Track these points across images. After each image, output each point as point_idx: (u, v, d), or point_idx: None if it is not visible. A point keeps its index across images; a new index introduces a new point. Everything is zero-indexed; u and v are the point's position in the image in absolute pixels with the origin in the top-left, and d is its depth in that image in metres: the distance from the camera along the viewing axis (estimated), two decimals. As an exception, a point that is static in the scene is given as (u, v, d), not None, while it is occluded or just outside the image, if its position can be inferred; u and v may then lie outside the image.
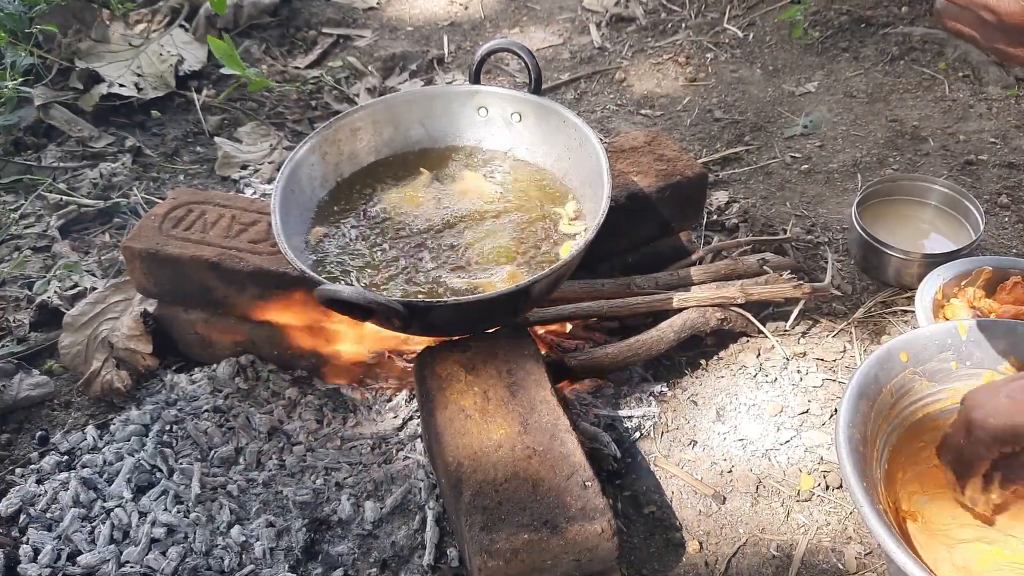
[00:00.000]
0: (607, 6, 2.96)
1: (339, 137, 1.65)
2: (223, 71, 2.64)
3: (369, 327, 1.58)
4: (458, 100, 1.73)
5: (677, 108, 2.53)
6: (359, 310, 1.28)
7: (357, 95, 2.60)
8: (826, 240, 2.01)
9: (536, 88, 1.68)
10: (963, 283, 1.71)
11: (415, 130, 1.73)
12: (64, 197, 2.22)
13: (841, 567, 1.38)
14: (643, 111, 2.53)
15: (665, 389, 1.67)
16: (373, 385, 1.70)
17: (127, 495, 1.50)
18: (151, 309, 1.74)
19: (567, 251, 1.48)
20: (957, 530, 1.26)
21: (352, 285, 1.44)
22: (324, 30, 2.95)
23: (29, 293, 1.94)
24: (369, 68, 2.73)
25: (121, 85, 2.54)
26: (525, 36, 2.90)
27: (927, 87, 2.51)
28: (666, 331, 1.66)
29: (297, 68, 2.77)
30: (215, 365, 1.72)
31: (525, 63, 1.67)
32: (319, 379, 1.71)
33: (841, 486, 1.49)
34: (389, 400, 1.66)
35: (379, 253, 1.52)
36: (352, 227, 1.57)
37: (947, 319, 1.64)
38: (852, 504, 1.45)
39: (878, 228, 1.88)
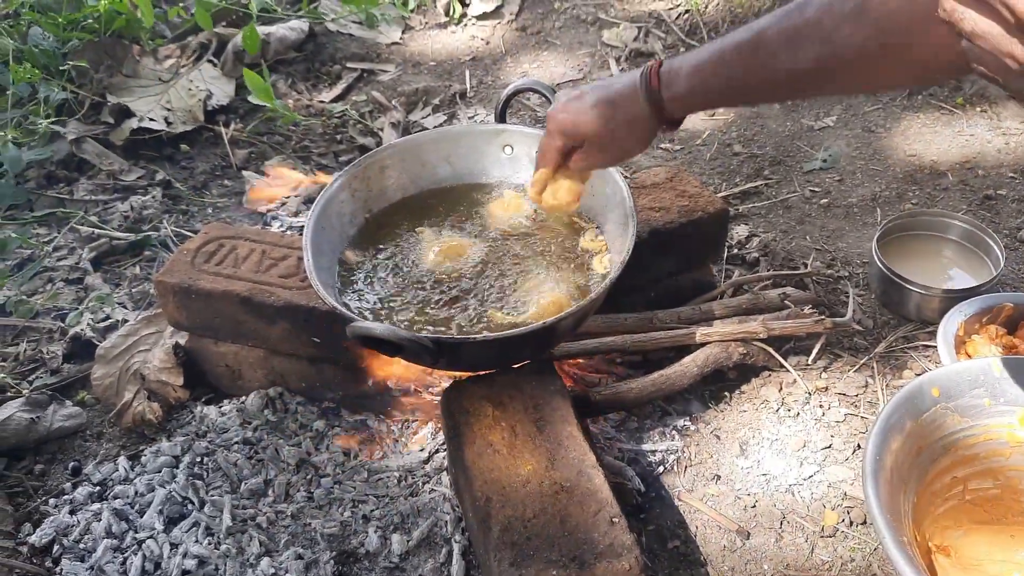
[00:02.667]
0: (626, 41, 3.00)
1: (368, 175, 1.69)
2: (250, 105, 2.69)
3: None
4: (484, 139, 1.76)
5: (696, 142, 2.56)
6: (389, 346, 1.31)
7: (381, 129, 2.65)
8: (846, 275, 2.03)
9: (560, 126, 1.71)
10: (984, 319, 1.73)
11: (442, 168, 1.77)
12: (96, 230, 2.27)
13: (866, 604, 1.38)
14: (663, 145, 2.56)
15: (688, 423, 1.69)
16: (400, 418, 1.72)
17: (159, 526, 1.52)
18: (182, 342, 1.77)
19: (600, 267, 1.57)
20: (991, 565, 1.27)
21: (381, 321, 1.46)
22: (348, 65, 3.00)
23: (62, 325, 1.98)
24: (393, 102, 2.77)
25: (151, 119, 2.59)
26: (545, 71, 2.94)
27: (945, 122, 2.53)
28: (689, 366, 1.68)
29: (322, 102, 2.82)
30: (244, 397, 1.75)
31: (549, 102, 1.70)
32: (346, 411, 1.73)
33: (865, 522, 1.50)
34: (415, 433, 1.68)
35: (407, 289, 1.54)
36: (380, 262, 1.60)
37: (969, 356, 1.66)
38: (876, 538, 1.46)
39: (898, 263, 1.90)
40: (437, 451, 1.63)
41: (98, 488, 1.63)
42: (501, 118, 1.76)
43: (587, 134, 1.33)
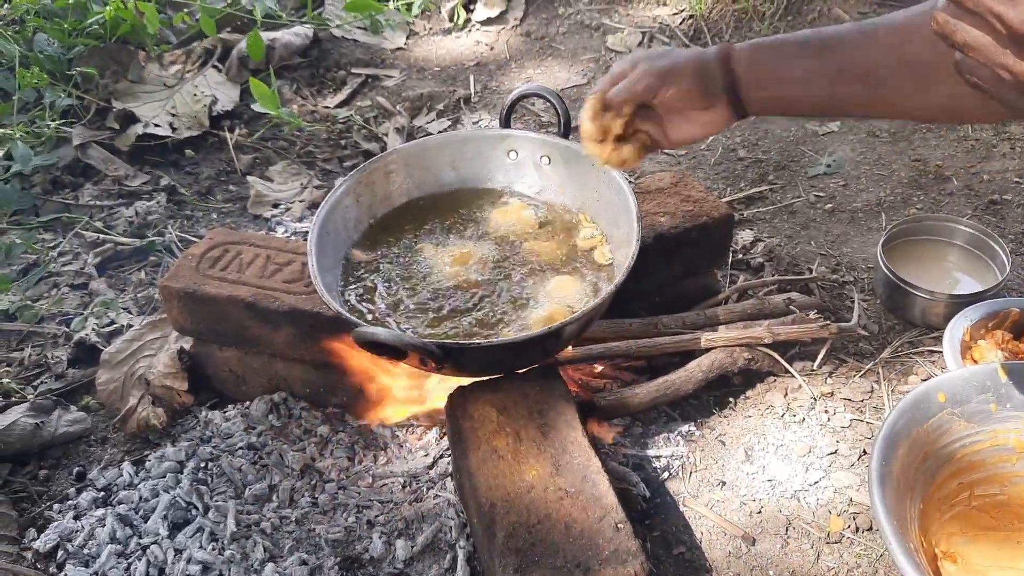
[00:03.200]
0: (630, 46, 3.00)
1: (373, 180, 1.69)
2: (255, 110, 2.70)
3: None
4: (489, 144, 1.76)
5: (701, 147, 2.56)
6: (394, 351, 1.31)
7: (386, 134, 2.65)
8: (851, 280, 2.03)
9: (564, 131, 1.72)
10: (990, 324, 1.72)
11: (447, 173, 1.77)
12: (101, 235, 2.27)
13: (872, 610, 1.38)
14: (667, 150, 2.56)
15: (693, 429, 1.68)
16: (404, 423, 1.72)
17: (163, 532, 1.52)
18: (187, 347, 1.77)
19: (602, 258, 1.58)
20: (997, 572, 1.26)
21: (385, 326, 1.46)
22: (353, 70, 3.01)
23: (67, 330, 1.98)
24: (397, 108, 2.78)
25: (156, 125, 2.60)
26: (549, 76, 2.95)
27: (950, 127, 2.53)
28: (694, 371, 1.68)
29: (327, 108, 2.83)
30: (248, 402, 1.75)
31: (554, 107, 1.71)
32: (351, 415, 1.73)
33: (871, 528, 1.49)
34: (420, 438, 1.68)
35: (411, 293, 1.55)
36: (384, 267, 1.60)
37: (975, 361, 1.65)
38: (883, 544, 1.45)
39: (904, 268, 1.90)
40: (442, 456, 1.63)
41: (102, 493, 1.63)
42: (506, 123, 1.76)
43: (678, 88, 1.27)
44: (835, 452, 1.62)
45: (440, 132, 2.66)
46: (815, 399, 1.72)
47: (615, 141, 1.36)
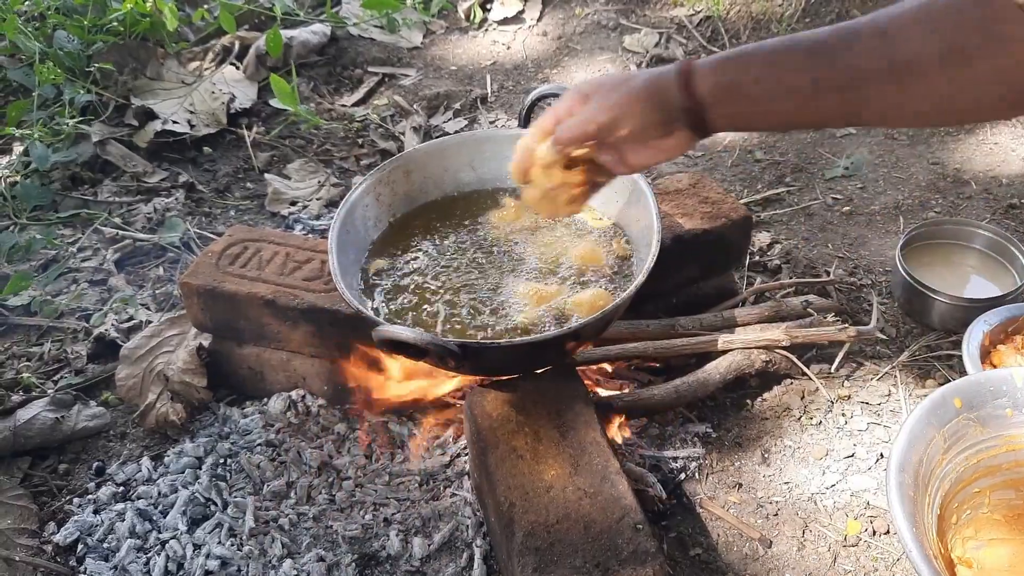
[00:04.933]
0: (647, 47, 3.00)
1: (393, 179, 1.70)
2: (272, 108, 2.71)
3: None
4: (507, 143, 1.76)
5: (718, 149, 2.56)
6: (414, 350, 1.31)
7: (403, 133, 2.66)
8: (869, 283, 2.02)
9: (584, 132, 1.71)
10: (1009, 329, 1.71)
11: (465, 173, 1.77)
12: (120, 231, 2.28)
13: (889, 614, 1.38)
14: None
15: (710, 430, 1.68)
16: (421, 420, 1.73)
17: (182, 527, 1.53)
18: (206, 343, 1.78)
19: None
20: (1013, 579, 1.26)
21: (405, 325, 1.47)
22: (370, 69, 3.02)
23: (86, 325, 1.99)
24: (414, 106, 2.79)
25: (175, 122, 2.61)
26: (566, 76, 2.95)
27: (968, 130, 2.52)
28: (711, 373, 1.68)
29: (344, 106, 2.84)
30: (267, 399, 1.76)
31: (574, 108, 1.70)
32: (369, 413, 1.74)
33: (888, 532, 1.49)
34: (437, 437, 1.68)
35: (431, 292, 1.55)
36: (403, 266, 1.61)
37: (995, 366, 1.65)
38: (901, 549, 1.45)
39: (922, 272, 1.89)
40: (459, 455, 1.64)
41: (122, 488, 1.64)
42: (525, 123, 1.76)
43: (633, 123, 1.13)
44: (852, 455, 1.62)
45: (457, 131, 2.66)
46: (832, 402, 1.72)
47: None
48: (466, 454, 1.62)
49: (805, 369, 1.75)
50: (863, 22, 0.99)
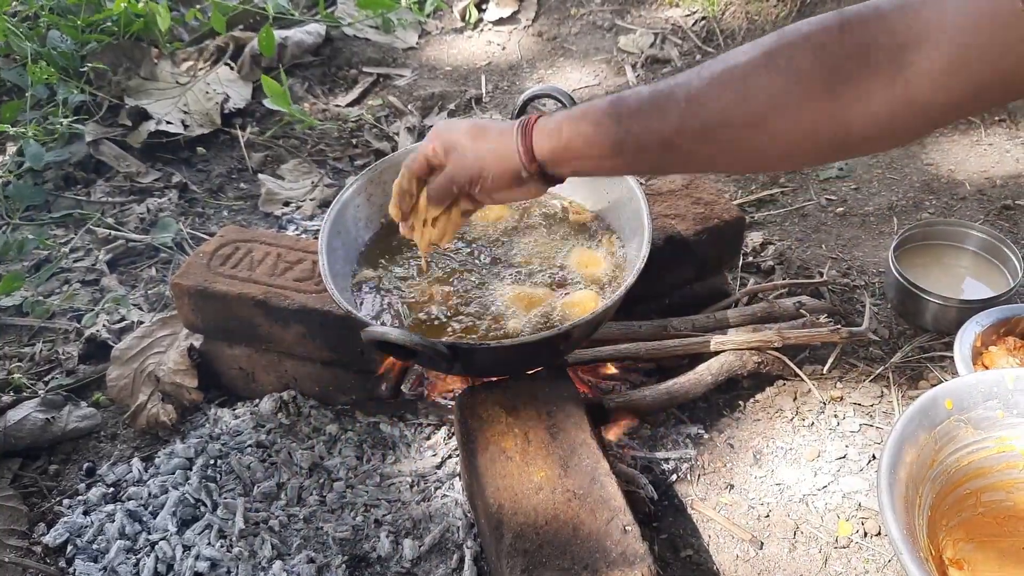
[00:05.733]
0: (642, 47, 3.00)
1: (384, 179, 1.69)
2: (266, 108, 2.71)
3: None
4: (500, 144, 1.76)
5: (712, 149, 2.55)
6: (404, 351, 1.31)
7: (397, 133, 2.66)
8: (862, 284, 2.02)
9: (576, 133, 1.71)
10: (1002, 331, 1.71)
11: (457, 173, 1.76)
12: (112, 232, 2.28)
13: (880, 616, 1.38)
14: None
15: (702, 431, 1.68)
16: (412, 421, 1.72)
17: (172, 528, 1.53)
18: (197, 344, 1.78)
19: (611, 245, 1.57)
20: (1003, 579, 1.26)
21: (395, 326, 1.46)
22: (365, 69, 3.01)
23: (78, 326, 1.99)
24: (409, 107, 2.78)
25: (168, 122, 2.61)
26: (561, 76, 2.95)
27: (962, 131, 2.52)
28: (703, 374, 1.68)
29: (338, 106, 2.83)
30: (258, 400, 1.76)
31: (565, 108, 1.70)
32: (361, 413, 1.73)
33: (880, 533, 1.49)
34: (428, 438, 1.68)
35: (422, 293, 1.55)
36: (395, 266, 1.61)
37: (987, 367, 1.64)
38: (892, 551, 1.45)
39: (915, 273, 1.89)
40: (450, 456, 1.63)
41: (112, 489, 1.63)
42: (517, 124, 1.76)
43: (489, 178, 1.23)
44: (844, 457, 1.62)
45: (451, 132, 2.65)
46: (824, 403, 1.71)
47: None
48: (457, 455, 1.62)
49: (797, 370, 1.75)
50: (716, 66, 0.99)
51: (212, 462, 1.64)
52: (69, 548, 1.53)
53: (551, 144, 1.16)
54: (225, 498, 1.57)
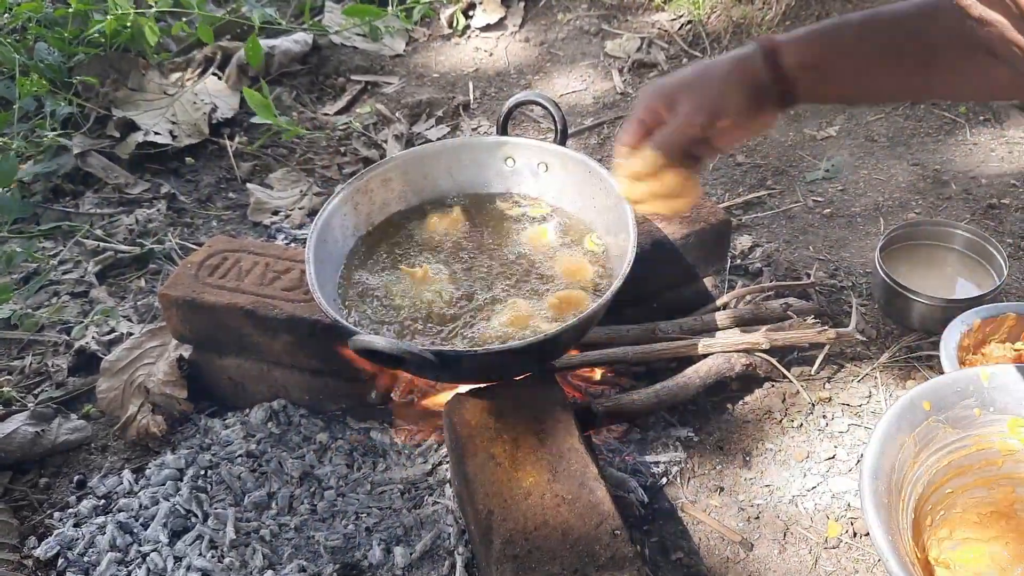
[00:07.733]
0: (629, 52, 3.01)
1: (371, 187, 1.70)
2: (255, 119, 2.71)
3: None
4: (486, 151, 1.77)
5: (699, 152, 2.56)
6: (391, 359, 1.31)
7: (385, 141, 2.66)
8: (849, 284, 2.03)
9: (562, 139, 1.72)
10: (988, 329, 1.72)
11: (444, 180, 1.77)
12: (101, 243, 2.28)
13: (870, 616, 1.38)
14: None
15: (691, 434, 1.68)
16: (403, 427, 1.73)
17: (163, 539, 1.53)
18: (186, 355, 1.78)
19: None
20: (988, 577, 1.26)
21: (381, 335, 1.47)
22: (352, 77, 3.02)
23: (67, 338, 1.99)
24: (397, 114, 2.79)
25: (156, 133, 2.60)
26: (548, 82, 2.96)
27: (948, 131, 2.53)
28: (692, 377, 1.68)
29: (326, 115, 2.84)
30: (248, 410, 1.76)
31: (551, 114, 1.71)
32: (352, 419, 1.74)
33: (869, 533, 1.49)
34: (418, 445, 1.68)
35: (408, 300, 1.55)
36: (381, 275, 1.61)
37: (985, 359, 1.66)
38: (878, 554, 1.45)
39: (902, 273, 1.90)
40: (440, 463, 1.64)
41: (102, 501, 1.63)
42: (503, 130, 1.77)
43: (730, 113, 1.16)
44: (833, 457, 1.63)
45: (439, 139, 2.66)
46: (813, 404, 1.72)
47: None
48: (447, 462, 1.62)
49: (785, 372, 1.76)
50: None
51: (203, 472, 1.64)
52: (60, 561, 1.53)
53: (799, 56, 1.14)
54: (216, 508, 1.57)
